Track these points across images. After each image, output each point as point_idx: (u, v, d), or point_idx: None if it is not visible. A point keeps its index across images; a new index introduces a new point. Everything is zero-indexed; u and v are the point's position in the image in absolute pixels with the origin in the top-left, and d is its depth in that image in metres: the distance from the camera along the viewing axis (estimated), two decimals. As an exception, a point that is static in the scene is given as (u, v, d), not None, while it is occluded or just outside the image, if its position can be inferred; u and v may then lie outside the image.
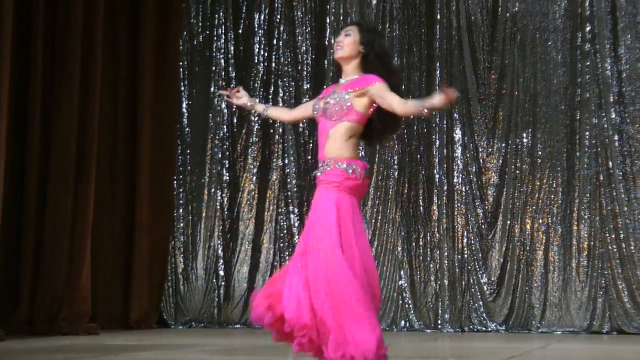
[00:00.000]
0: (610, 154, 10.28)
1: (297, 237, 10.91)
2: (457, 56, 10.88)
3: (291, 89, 11.17)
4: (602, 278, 10.16)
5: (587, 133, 10.42)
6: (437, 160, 10.76)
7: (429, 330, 10.41)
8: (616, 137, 10.33)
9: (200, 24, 11.35)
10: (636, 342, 9.15)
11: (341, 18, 11.11)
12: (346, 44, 4.95)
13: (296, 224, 10.95)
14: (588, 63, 10.51)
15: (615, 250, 10.11)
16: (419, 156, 10.84)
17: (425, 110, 4.63)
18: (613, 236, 10.15)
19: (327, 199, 4.80)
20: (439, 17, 10.93)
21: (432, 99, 4.59)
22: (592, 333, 10.04)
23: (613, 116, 10.36)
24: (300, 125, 11.09)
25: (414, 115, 4.81)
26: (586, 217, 10.31)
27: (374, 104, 4.85)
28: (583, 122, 10.46)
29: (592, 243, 10.26)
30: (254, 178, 11.15)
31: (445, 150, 10.75)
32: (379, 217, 10.78)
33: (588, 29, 10.55)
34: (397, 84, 4.94)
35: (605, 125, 10.36)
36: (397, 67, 5.24)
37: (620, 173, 10.25)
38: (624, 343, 9.20)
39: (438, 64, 10.89)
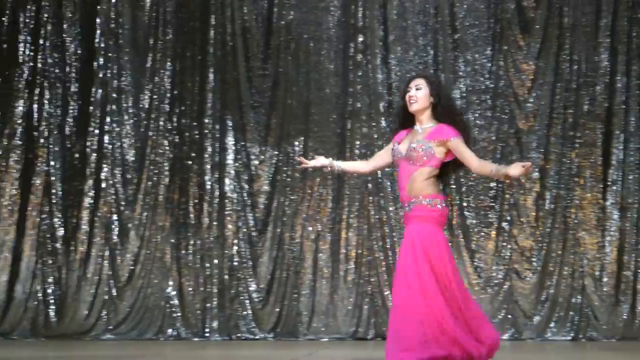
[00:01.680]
0: (380, 164, 10.75)
1: (60, 243, 10.83)
2: (231, 63, 11.09)
3: (58, 90, 11.07)
4: (369, 285, 10.63)
5: (358, 142, 10.87)
6: (208, 166, 10.94)
7: (196, 339, 10.56)
8: (385, 147, 10.79)
9: (-41, 20, 11.09)
10: (399, 347, 9.62)
11: (112, 20, 11.11)
12: (420, 98, 5.84)
13: (60, 231, 10.87)
14: (360, 73, 10.96)
15: (382, 258, 10.60)
16: (190, 162, 10.99)
17: (501, 177, 5.58)
18: (380, 244, 10.64)
19: (431, 233, 5.76)
20: (213, 22, 11.11)
21: (510, 168, 5.46)
22: (357, 339, 10.48)
23: (383, 125, 10.86)
24: (67, 128, 11.01)
25: (486, 175, 5.74)
26: (355, 225, 10.76)
27: (451, 153, 5.77)
28: (354, 132, 10.89)
29: (359, 251, 10.72)
30: (16, 182, 10.96)
31: (217, 157, 10.95)
32: (148, 224, 10.86)
33: (360, 39, 11.00)
34: (465, 127, 5.91)
35: (376, 135, 10.83)
36: (461, 111, 6.46)
37: (388, 182, 10.75)
38: (388, 348, 9.65)
39: (212, 70, 11.07)
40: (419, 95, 5.84)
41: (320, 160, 6.24)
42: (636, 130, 10.59)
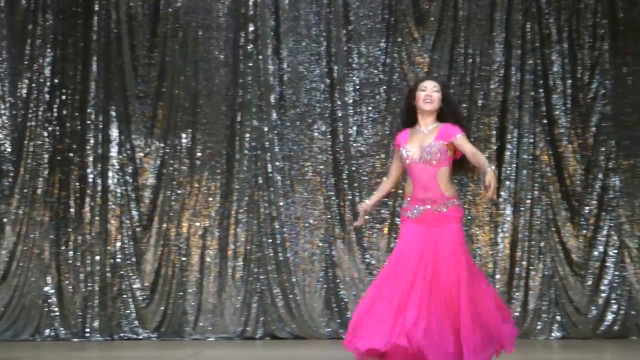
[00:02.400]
0: (270, 158, 10.72)
1: None
2: (116, 51, 10.92)
3: None
4: (258, 283, 10.58)
5: (248, 135, 10.80)
6: (91, 159, 10.75)
7: (76, 339, 10.36)
8: (276, 140, 10.78)
9: None
10: (287, 347, 9.66)
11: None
12: (435, 100, 6.15)
13: None
14: (251, 64, 10.90)
15: (272, 254, 10.56)
16: (71, 154, 10.78)
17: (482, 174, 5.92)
18: (270, 240, 10.60)
19: (455, 238, 6.09)
20: (97, 7, 10.92)
21: (488, 173, 5.78)
22: (245, 339, 10.41)
23: (274, 118, 10.81)
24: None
25: (475, 164, 6.05)
26: (244, 220, 10.69)
27: (459, 152, 6.15)
28: (244, 124, 10.82)
29: (248, 247, 10.65)
30: None
31: (100, 150, 10.77)
32: (25, 219, 10.62)
33: (251, 29, 10.94)
34: (467, 128, 6.35)
35: (266, 128, 10.78)
36: (464, 114, 6.97)
37: (279, 177, 10.72)
38: (276, 348, 9.68)
39: (95, 58, 10.87)
40: (435, 97, 6.15)
41: (364, 209, 6.42)
42: (530, 126, 10.75)
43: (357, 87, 10.90)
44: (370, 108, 10.89)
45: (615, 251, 10.60)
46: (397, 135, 6.38)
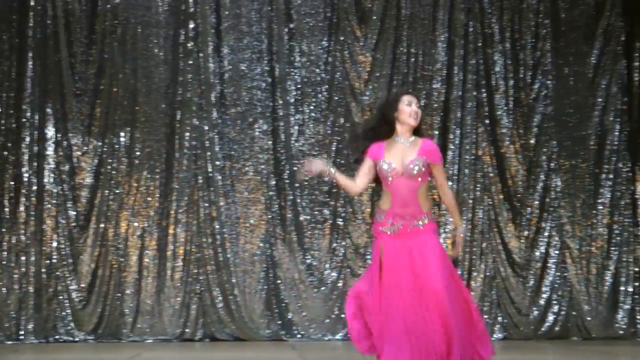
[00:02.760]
0: (211, 157, 10.65)
1: None
2: (52, 47, 10.79)
3: None
4: (197, 284, 10.50)
5: (188, 134, 10.72)
6: (26, 158, 10.60)
7: (9, 342, 10.22)
8: (217, 139, 10.71)
9: None
10: (227, 349, 9.61)
11: None
12: (419, 116, 6.10)
13: None
14: (191, 62, 10.82)
15: (211, 255, 10.49)
16: (6, 153, 10.62)
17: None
18: (210, 241, 10.53)
19: (436, 243, 6.03)
20: (32, 3, 10.77)
21: (459, 235, 6.15)
22: (184, 340, 10.35)
23: (215, 117, 10.74)
24: None
25: (447, 208, 6.50)
26: (183, 220, 10.61)
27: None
28: (184, 123, 10.74)
29: (188, 248, 10.58)
30: None
31: (35, 148, 10.62)
32: (-44, 220, 10.45)
33: (192, 26, 10.87)
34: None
35: (206, 127, 10.70)
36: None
37: (220, 176, 10.65)
38: (216, 350, 9.63)
39: (31, 55, 10.73)
40: (419, 112, 6.10)
41: (319, 164, 6.10)
42: (472, 125, 10.81)
43: (299, 85, 10.88)
44: (312, 107, 10.88)
45: (557, 252, 10.71)
46: (370, 147, 6.09)
